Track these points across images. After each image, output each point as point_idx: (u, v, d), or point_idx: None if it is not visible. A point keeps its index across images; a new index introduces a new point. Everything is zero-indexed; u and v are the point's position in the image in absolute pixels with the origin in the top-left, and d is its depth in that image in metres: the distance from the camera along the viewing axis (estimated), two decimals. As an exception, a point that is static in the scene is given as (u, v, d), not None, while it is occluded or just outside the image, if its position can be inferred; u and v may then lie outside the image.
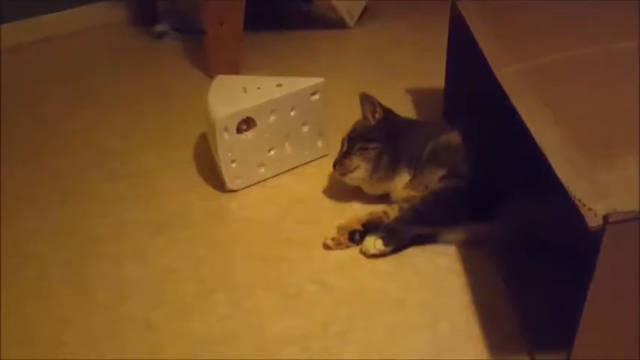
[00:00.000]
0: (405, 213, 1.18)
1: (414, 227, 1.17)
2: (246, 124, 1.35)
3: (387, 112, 1.32)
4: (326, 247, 1.19)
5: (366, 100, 1.31)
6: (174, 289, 1.13)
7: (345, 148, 1.30)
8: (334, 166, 1.29)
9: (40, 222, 1.32)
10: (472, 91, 1.36)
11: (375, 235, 1.16)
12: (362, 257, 1.17)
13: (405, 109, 1.64)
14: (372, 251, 1.15)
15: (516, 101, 1.00)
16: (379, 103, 1.31)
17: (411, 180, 1.25)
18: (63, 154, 1.56)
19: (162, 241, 1.25)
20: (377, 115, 1.30)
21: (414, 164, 1.25)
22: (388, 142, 1.27)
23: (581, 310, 0.77)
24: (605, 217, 0.72)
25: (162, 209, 1.34)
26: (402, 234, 1.16)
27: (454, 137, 1.25)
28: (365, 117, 1.32)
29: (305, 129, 1.43)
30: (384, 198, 1.29)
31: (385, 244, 1.15)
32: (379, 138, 1.28)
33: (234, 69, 1.81)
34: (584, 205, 0.76)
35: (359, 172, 1.28)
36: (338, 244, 1.19)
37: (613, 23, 1.23)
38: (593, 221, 0.73)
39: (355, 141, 1.29)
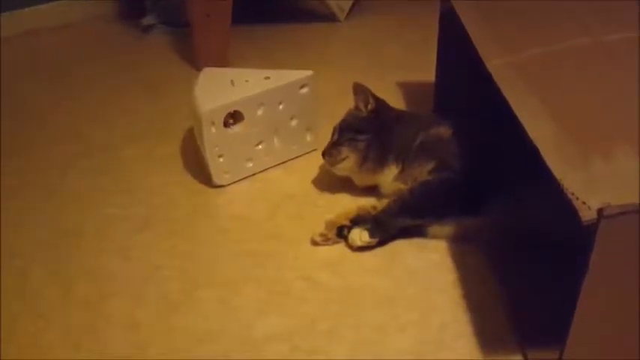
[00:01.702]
0: (392, 204, 1.16)
1: (401, 219, 1.15)
2: (234, 117, 1.32)
3: (380, 104, 1.30)
4: (314, 243, 1.17)
5: (359, 90, 1.29)
6: (159, 285, 1.10)
7: (335, 138, 1.29)
8: (323, 155, 1.28)
9: (23, 217, 1.29)
10: (463, 85, 1.34)
11: (361, 227, 1.14)
12: (351, 254, 1.15)
13: (395, 102, 1.61)
14: (358, 243, 1.13)
15: (508, 94, 0.99)
16: (372, 94, 1.29)
17: (400, 172, 1.23)
18: (46, 148, 1.52)
19: (147, 237, 1.22)
20: (369, 106, 1.29)
21: (403, 156, 1.23)
22: (378, 134, 1.26)
23: (574, 306, 0.76)
24: (600, 211, 0.71)
25: (147, 204, 1.31)
26: (388, 225, 1.14)
27: (444, 130, 1.24)
28: (357, 107, 1.30)
29: (294, 123, 1.41)
30: (375, 192, 1.27)
31: (371, 235, 1.13)
32: (369, 129, 1.26)
33: (222, 62, 1.78)
34: (578, 198, 0.74)
35: (347, 163, 1.26)
36: (326, 240, 1.17)
37: (604, 15, 1.22)
38: (587, 215, 0.72)
39: (345, 131, 1.28)
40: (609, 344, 0.81)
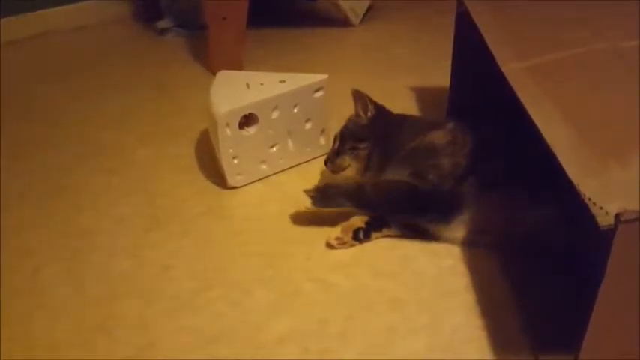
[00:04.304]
0: (351, 186, 1.16)
1: (346, 201, 1.15)
2: (248, 120, 1.32)
3: (380, 110, 1.30)
4: (329, 246, 1.17)
5: (358, 97, 1.29)
6: (169, 285, 1.10)
7: (336, 146, 1.29)
8: (326, 163, 1.29)
9: (34, 217, 1.29)
10: (478, 89, 1.34)
11: (307, 193, 1.15)
12: (363, 256, 1.15)
13: (409, 106, 1.62)
14: (302, 208, 1.16)
15: (524, 98, 0.98)
16: (372, 100, 1.29)
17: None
18: (59, 149, 1.53)
19: (159, 237, 1.22)
20: (369, 113, 1.28)
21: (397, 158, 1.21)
22: (380, 141, 1.25)
23: (590, 311, 0.74)
24: (617, 216, 0.69)
25: (159, 205, 1.32)
26: (332, 200, 1.15)
27: (441, 135, 1.20)
28: (357, 114, 1.30)
29: (308, 126, 1.41)
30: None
31: (314, 203, 1.15)
32: (370, 137, 1.26)
33: (237, 65, 1.78)
34: (595, 204, 0.73)
35: (350, 171, 1.28)
36: (342, 244, 1.16)
37: (621, 20, 1.21)
38: (605, 220, 0.71)
39: (346, 139, 1.28)
40: (625, 350, 0.80)
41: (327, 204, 1.16)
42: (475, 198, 1.12)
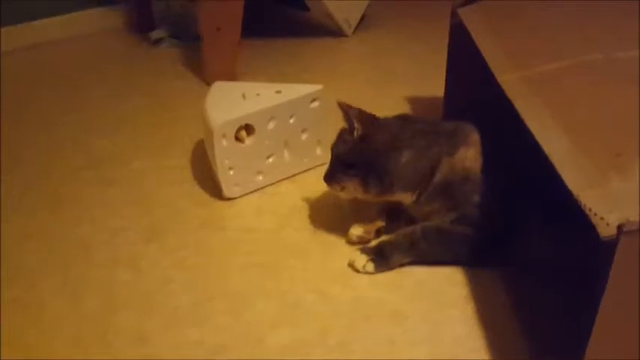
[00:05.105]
0: (401, 239, 1.12)
1: (404, 257, 1.13)
2: (244, 130, 1.32)
3: (370, 127, 1.14)
4: (351, 243, 1.18)
5: (344, 112, 1.15)
6: (168, 298, 1.10)
7: (331, 162, 1.19)
8: (324, 179, 1.20)
9: (30, 229, 1.28)
10: (473, 99, 1.34)
11: (367, 256, 1.12)
12: (361, 267, 1.15)
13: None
14: (361, 271, 1.13)
15: (521, 108, 0.98)
16: (359, 116, 1.14)
17: (415, 202, 1.15)
18: (54, 160, 1.53)
19: (156, 249, 1.22)
20: (356, 133, 1.13)
21: (414, 187, 1.14)
22: (372, 164, 1.13)
23: (592, 322, 0.75)
24: (620, 227, 0.70)
25: (156, 216, 1.31)
26: (391, 259, 1.12)
27: (470, 159, 1.11)
28: (344, 131, 1.18)
29: (304, 136, 1.41)
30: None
31: (376, 268, 1.12)
32: (358, 162, 1.13)
33: (231, 75, 1.79)
34: (596, 214, 0.74)
35: (348, 192, 1.18)
36: (363, 242, 1.17)
37: (615, 30, 1.22)
38: (606, 231, 0.71)
39: (336, 160, 1.17)
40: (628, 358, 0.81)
41: (387, 264, 1.12)
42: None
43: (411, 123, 1.18)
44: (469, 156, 1.12)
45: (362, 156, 1.14)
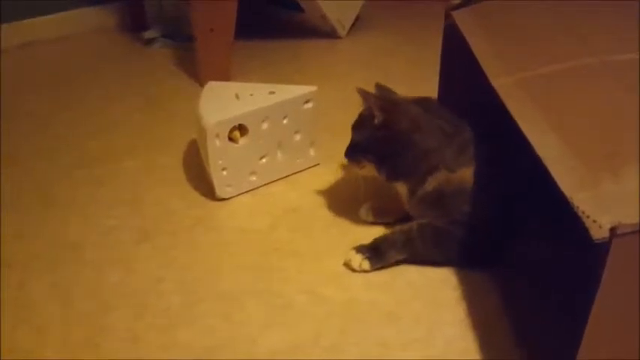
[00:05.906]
0: (396, 236, 1.13)
1: (399, 254, 1.13)
2: (237, 131, 1.32)
3: (390, 114, 1.15)
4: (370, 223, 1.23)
5: (365, 99, 1.18)
6: (159, 298, 1.09)
7: (352, 140, 1.22)
8: (345, 155, 1.23)
9: (22, 228, 1.27)
10: (466, 101, 1.34)
11: (362, 254, 1.13)
12: (354, 268, 1.15)
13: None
14: (358, 270, 1.13)
15: (515, 111, 0.98)
16: (381, 105, 1.15)
17: (409, 195, 1.18)
18: (46, 159, 1.51)
19: (148, 249, 1.21)
20: (376, 120, 1.15)
21: (411, 181, 1.17)
22: (386, 158, 1.16)
23: (584, 324, 0.75)
24: (613, 230, 0.70)
25: (148, 216, 1.30)
26: (387, 256, 1.13)
27: (469, 177, 1.12)
28: (367, 114, 1.19)
29: (297, 137, 1.40)
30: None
31: (372, 265, 1.12)
32: (375, 150, 1.17)
33: (224, 76, 1.78)
34: (589, 217, 0.74)
35: (367, 171, 1.21)
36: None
37: (610, 33, 1.22)
38: (599, 233, 0.71)
39: (355, 141, 1.21)
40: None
41: (382, 261, 1.13)
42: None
43: (433, 114, 1.19)
44: (467, 175, 1.12)
45: (379, 144, 1.16)
